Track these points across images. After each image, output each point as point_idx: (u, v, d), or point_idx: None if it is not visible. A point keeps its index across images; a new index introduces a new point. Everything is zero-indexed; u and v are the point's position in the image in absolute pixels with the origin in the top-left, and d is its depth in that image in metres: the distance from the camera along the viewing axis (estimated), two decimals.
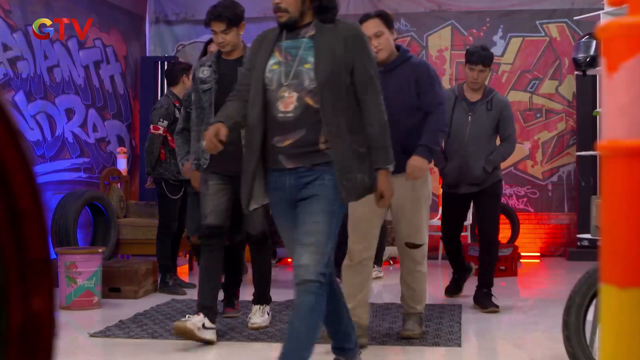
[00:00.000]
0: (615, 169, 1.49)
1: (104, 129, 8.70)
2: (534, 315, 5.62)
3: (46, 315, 0.93)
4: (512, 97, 9.13)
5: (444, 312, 5.53)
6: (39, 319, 0.92)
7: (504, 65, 9.20)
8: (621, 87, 1.47)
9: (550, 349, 4.41)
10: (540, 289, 7.10)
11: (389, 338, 4.71)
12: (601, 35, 1.53)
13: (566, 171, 9.13)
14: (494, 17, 9.20)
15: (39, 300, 0.92)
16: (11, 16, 7.10)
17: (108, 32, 8.76)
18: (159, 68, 9.31)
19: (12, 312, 0.90)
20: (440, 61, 9.28)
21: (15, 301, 0.90)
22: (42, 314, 0.92)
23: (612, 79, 1.48)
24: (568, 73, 9.05)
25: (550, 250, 9.13)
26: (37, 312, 0.92)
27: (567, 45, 8.94)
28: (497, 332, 5.06)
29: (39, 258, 0.92)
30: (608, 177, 1.50)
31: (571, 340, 3.31)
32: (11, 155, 0.89)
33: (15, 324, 0.90)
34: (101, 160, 8.56)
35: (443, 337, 4.70)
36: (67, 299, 5.71)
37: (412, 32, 9.33)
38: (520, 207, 9.18)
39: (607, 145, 1.49)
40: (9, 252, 0.89)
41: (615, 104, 1.48)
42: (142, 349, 4.54)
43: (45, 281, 0.93)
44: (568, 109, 9.11)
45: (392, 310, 5.56)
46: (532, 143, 9.18)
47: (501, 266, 7.37)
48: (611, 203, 1.49)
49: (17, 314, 0.90)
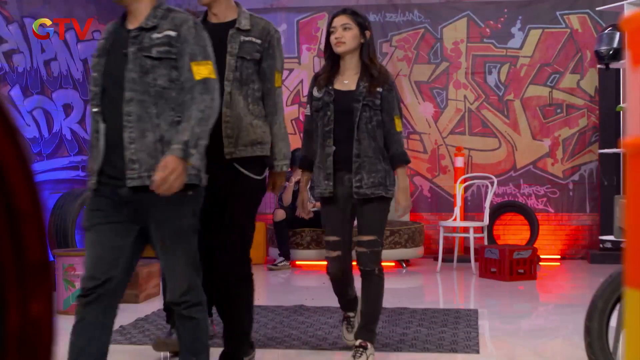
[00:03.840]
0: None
1: None
2: (554, 321, 5.58)
3: (45, 320, 0.92)
4: (531, 91, 8.91)
5: (460, 317, 5.44)
6: (38, 324, 0.92)
7: (522, 59, 9.02)
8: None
9: (572, 356, 4.38)
10: (561, 294, 7.02)
11: (403, 344, 4.63)
12: (626, 26, 1.48)
13: (588, 170, 8.94)
14: (512, 7, 9.01)
15: (37, 304, 0.92)
16: (7, 7, 7.00)
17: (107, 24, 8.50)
18: None
19: (10, 317, 0.89)
20: (456, 54, 9.05)
21: (13, 305, 0.90)
22: (40, 319, 0.92)
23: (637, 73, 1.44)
24: (590, 66, 8.89)
25: (571, 252, 8.99)
26: (36, 316, 0.91)
27: (589, 37, 8.78)
28: (515, 338, 4.97)
29: (37, 261, 0.91)
30: (633, 176, 1.46)
31: (593, 347, 3.25)
32: (8, 153, 0.88)
33: (13, 329, 0.89)
34: None
35: (460, 344, 4.61)
36: (65, 303, 5.63)
37: (426, 23, 9.12)
38: (539, 207, 9.00)
39: (631, 143, 1.46)
40: (6, 254, 0.89)
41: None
42: (143, 355, 4.51)
43: (44, 285, 0.93)
44: (590, 105, 8.91)
45: (405, 315, 5.48)
46: (552, 140, 8.98)
47: (520, 269, 7.33)
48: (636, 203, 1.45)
49: (15, 319, 0.90)
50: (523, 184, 8.99)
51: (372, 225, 4.04)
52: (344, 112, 4.02)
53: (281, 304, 5.92)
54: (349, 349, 4.47)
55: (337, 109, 4.03)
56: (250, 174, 3.64)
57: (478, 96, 9.02)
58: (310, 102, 4.18)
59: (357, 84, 4.04)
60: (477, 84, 9.02)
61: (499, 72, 8.97)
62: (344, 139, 4.02)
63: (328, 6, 9.16)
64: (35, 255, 0.91)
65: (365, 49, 4.09)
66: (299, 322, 5.20)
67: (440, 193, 9.10)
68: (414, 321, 5.21)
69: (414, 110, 9.12)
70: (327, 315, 5.42)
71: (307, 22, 9.28)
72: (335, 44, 4.05)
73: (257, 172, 3.66)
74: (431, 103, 9.10)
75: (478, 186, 8.91)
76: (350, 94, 4.04)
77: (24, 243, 0.90)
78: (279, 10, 9.28)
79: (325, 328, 4.99)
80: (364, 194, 3.99)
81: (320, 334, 4.79)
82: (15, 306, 0.90)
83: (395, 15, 9.13)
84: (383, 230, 4.12)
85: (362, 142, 3.99)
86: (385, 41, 9.14)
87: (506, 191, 9.01)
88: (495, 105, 9.00)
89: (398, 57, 9.12)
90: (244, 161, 3.62)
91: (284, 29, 9.26)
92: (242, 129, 3.59)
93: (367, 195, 3.99)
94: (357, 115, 3.99)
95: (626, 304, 1.48)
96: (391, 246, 8.03)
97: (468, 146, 9.01)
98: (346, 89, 4.06)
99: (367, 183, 3.99)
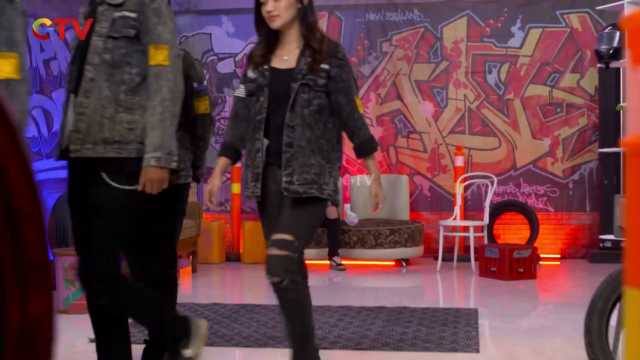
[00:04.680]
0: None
1: None
2: (554, 320, 5.54)
3: (45, 319, 0.92)
4: (531, 91, 8.89)
5: (460, 316, 5.42)
6: (38, 323, 0.91)
7: (522, 58, 8.99)
8: None
9: (571, 355, 4.36)
10: (561, 293, 6.99)
11: (403, 343, 4.59)
12: (626, 25, 1.47)
13: (588, 169, 8.92)
14: (512, 6, 8.98)
15: (37, 303, 0.91)
16: None
17: None
18: None
19: (9, 316, 0.89)
20: (456, 53, 9.03)
21: (13, 305, 0.89)
22: (40, 318, 0.92)
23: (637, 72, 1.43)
24: (590, 66, 8.85)
25: (571, 251, 8.96)
26: (36, 316, 0.91)
27: (589, 37, 8.75)
28: (515, 338, 4.94)
29: (37, 259, 0.91)
30: (633, 175, 1.45)
31: (593, 346, 3.24)
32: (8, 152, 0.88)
33: (13, 328, 0.89)
34: None
35: (460, 343, 4.58)
36: (65, 302, 5.62)
37: (426, 22, 9.09)
38: (539, 206, 8.98)
39: (631, 142, 1.45)
40: (6, 253, 0.89)
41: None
42: None
43: (43, 284, 0.92)
44: (590, 104, 8.88)
45: (405, 315, 5.44)
46: (552, 139, 8.96)
47: (520, 268, 7.32)
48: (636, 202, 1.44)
49: (14, 318, 0.89)
50: (523, 183, 8.98)
51: (294, 224, 3.30)
52: (281, 96, 3.33)
53: None
54: (348, 348, 4.46)
55: (272, 93, 3.34)
56: (111, 181, 3.03)
57: (478, 95, 9.01)
58: (244, 82, 3.47)
59: (297, 60, 3.35)
60: (477, 83, 9.01)
61: (499, 71, 8.96)
62: (279, 129, 3.33)
63: (327, 5, 9.15)
64: (35, 254, 0.91)
65: (301, 17, 3.36)
66: None
67: (440, 192, 9.08)
68: (414, 320, 5.19)
69: (414, 109, 9.10)
70: (327, 314, 5.41)
71: None
72: (268, 19, 3.31)
73: (120, 180, 3.03)
74: (431, 102, 9.09)
75: (478, 185, 8.89)
76: (289, 73, 3.34)
77: (24, 242, 0.90)
78: None
79: (325, 327, 4.98)
80: (294, 191, 3.29)
81: (320, 333, 4.78)
82: (15, 305, 0.90)
83: (395, 14, 9.11)
84: (307, 237, 3.35)
85: (296, 128, 3.29)
86: (385, 40, 9.13)
87: (506, 190, 8.99)
88: (495, 105, 8.99)
89: (398, 56, 9.10)
90: (101, 162, 3.03)
91: None
92: (94, 123, 3.00)
93: (299, 194, 3.29)
94: (292, 97, 3.29)
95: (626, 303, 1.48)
96: (391, 245, 8.02)
97: (468, 145, 9.00)
98: (285, 66, 3.36)
99: (300, 179, 3.29)
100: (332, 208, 7.97)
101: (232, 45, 9.36)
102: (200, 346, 3.28)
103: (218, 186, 3.44)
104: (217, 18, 9.38)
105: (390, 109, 9.15)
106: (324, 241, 8.06)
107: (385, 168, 9.11)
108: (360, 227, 8.11)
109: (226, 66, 9.38)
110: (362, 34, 9.16)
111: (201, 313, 5.49)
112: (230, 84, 9.35)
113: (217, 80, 9.38)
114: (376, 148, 3.45)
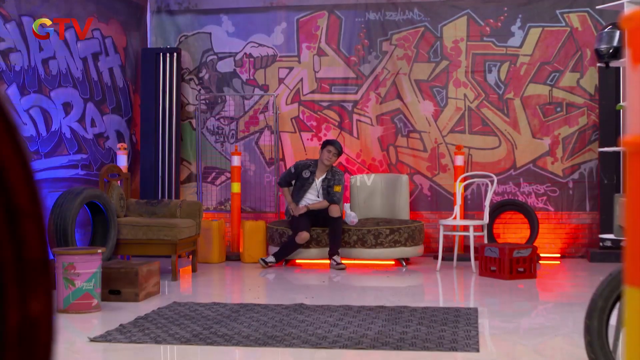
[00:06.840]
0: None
1: (103, 124, 8.57)
2: (554, 319, 5.57)
3: (44, 318, 0.92)
4: (530, 90, 8.89)
5: (460, 316, 5.43)
6: (37, 323, 0.91)
7: (522, 57, 8.99)
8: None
9: (571, 354, 4.38)
10: (561, 292, 7.00)
11: (403, 343, 4.59)
12: (626, 25, 1.49)
13: (588, 168, 8.92)
14: (512, 6, 8.99)
15: (36, 303, 0.91)
16: (4, 6, 6.96)
17: (107, 22, 8.56)
18: (160, 60, 9.10)
19: (8, 315, 0.89)
20: (456, 53, 9.03)
21: (12, 304, 0.89)
22: (40, 318, 0.91)
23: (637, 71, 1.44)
24: (590, 65, 8.86)
25: (571, 251, 8.96)
26: (35, 315, 0.90)
27: (589, 36, 8.75)
28: (515, 337, 4.96)
29: (36, 259, 0.91)
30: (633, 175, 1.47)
31: (593, 345, 3.26)
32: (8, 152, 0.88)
33: (12, 328, 0.89)
34: (99, 156, 8.46)
35: (460, 342, 4.59)
36: (64, 301, 5.63)
37: (425, 22, 9.09)
38: (539, 205, 8.98)
39: (631, 141, 1.47)
40: (6, 252, 0.88)
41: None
42: (144, 354, 4.50)
43: (43, 283, 0.92)
44: (590, 103, 8.89)
45: (405, 314, 5.45)
46: (552, 139, 8.96)
47: (519, 268, 7.33)
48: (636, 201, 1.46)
49: (13, 318, 0.89)
50: (523, 182, 8.97)
51: None
52: None
53: (281, 303, 5.90)
54: (349, 347, 4.46)
55: None
56: None
57: (478, 95, 9.01)
58: None
59: None
60: (477, 82, 9.00)
61: (499, 70, 8.96)
62: None
63: (328, 4, 9.14)
64: (34, 254, 0.91)
65: None
66: (299, 320, 5.19)
67: (440, 192, 9.08)
68: (414, 320, 5.20)
69: (414, 109, 9.10)
70: (327, 313, 5.41)
71: (307, 21, 9.26)
72: None
73: None
74: (431, 102, 9.09)
75: (478, 185, 8.89)
76: None
77: (24, 241, 0.90)
78: (278, 9, 9.26)
79: (325, 327, 4.98)
80: None
81: (320, 333, 4.78)
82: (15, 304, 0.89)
83: (395, 13, 9.11)
84: None
85: None
86: (385, 39, 9.12)
87: (506, 190, 8.99)
88: (495, 104, 8.99)
89: (398, 55, 9.10)
90: None
91: (284, 28, 9.25)
92: None
93: None
94: None
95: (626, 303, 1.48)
96: (391, 244, 8.02)
97: (468, 145, 9.00)
98: None
99: None
100: (335, 206, 7.99)
101: (232, 45, 9.36)
102: None
103: None
104: (217, 17, 9.38)
105: (390, 109, 9.14)
106: (324, 241, 8.06)
107: (385, 167, 9.11)
108: (360, 227, 8.11)
109: (226, 65, 9.38)
110: (362, 33, 9.15)
111: (201, 312, 5.49)
112: (230, 84, 9.35)
113: (217, 80, 9.38)
114: None
